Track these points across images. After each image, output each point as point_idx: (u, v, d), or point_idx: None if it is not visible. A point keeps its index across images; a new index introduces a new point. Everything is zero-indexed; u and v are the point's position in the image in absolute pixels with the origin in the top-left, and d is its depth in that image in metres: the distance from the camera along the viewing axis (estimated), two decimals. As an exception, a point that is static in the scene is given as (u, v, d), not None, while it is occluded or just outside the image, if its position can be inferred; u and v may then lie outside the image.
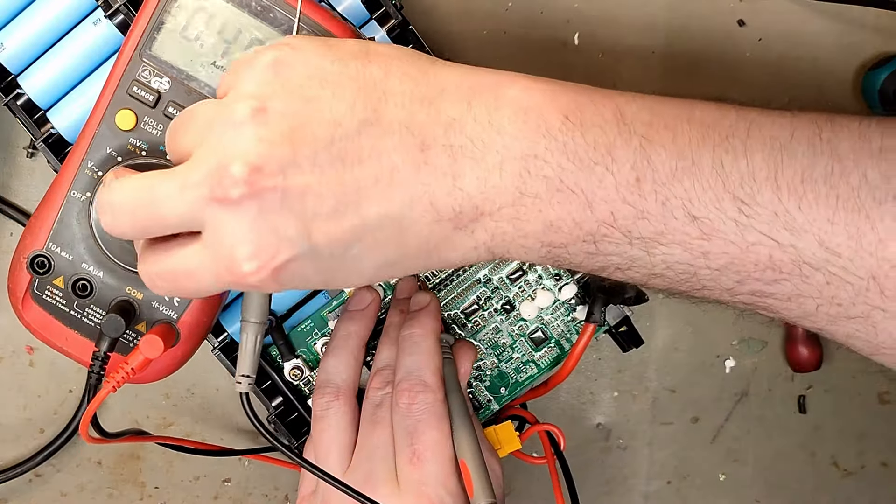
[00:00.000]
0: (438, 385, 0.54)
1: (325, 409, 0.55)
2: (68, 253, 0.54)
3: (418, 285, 0.60)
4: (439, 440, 0.53)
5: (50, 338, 0.56)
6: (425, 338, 0.55)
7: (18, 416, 0.68)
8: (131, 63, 0.52)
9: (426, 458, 0.52)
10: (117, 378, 0.53)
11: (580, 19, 0.67)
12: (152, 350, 0.53)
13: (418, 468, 0.52)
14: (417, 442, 0.52)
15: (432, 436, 0.53)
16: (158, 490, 0.70)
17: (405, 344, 0.55)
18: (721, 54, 0.68)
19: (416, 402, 0.53)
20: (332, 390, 0.56)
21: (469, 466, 0.52)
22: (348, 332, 0.57)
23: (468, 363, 0.57)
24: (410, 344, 0.55)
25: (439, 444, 0.53)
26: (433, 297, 0.57)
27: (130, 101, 0.53)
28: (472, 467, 0.51)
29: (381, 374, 0.56)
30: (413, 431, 0.53)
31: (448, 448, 0.53)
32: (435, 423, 0.53)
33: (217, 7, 0.52)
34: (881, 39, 0.68)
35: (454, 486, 0.53)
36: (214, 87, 0.52)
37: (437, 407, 0.53)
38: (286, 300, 0.61)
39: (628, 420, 0.71)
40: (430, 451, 0.52)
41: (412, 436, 0.53)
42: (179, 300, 0.54)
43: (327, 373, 0.56)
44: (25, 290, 0.55)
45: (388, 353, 0.56)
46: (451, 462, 0.53)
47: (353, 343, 0.57)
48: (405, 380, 0.54)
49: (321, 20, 0.51)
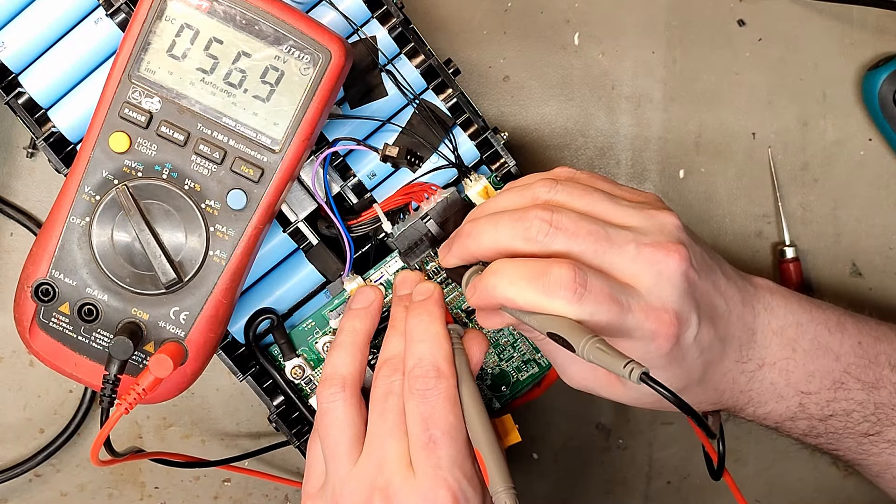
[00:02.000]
0: (451, 371, 0.54)
1: (330, 402, 0.55)
2: (72, 279, 0.54)
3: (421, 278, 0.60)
4: (455, 425, 0.53)
5: (59, 365, 0.56)
6: (433, 324, 0.55)
7: (18, 416, 0.68)
8: (121, 85, 0.53)
9: (442, 442, 0.52)
10: (129, 400, 0.53)
11: (580, 19, 0.67)
12: (162, 369, 0.53)
13: (434, 452, 0.52)
14: (433, 427, 0.52)
15: (448, 420, 0.52)
16: (158, 490, 0.70)
17: (414, 331, 0.55)
18: (721, 54, 0.68)
19: (431, 388, 0.53)
20: (339, 382, 0.55)
21: (484, 455, 0.51)
22: (353, 329, 0.57)
23: (480, 353, 0.57)
24: (420, 331, 0.55)
25: (455, 428, 0.53)
26: (436, 286, 0.57)
27: (123, 124, 0.53)
28: (487, 455, 0.51)
29: (389, 363, 0.56)
30: (428, 417, 0.53)
31: (463, 433, 0.53)
32: (450, 408, 0.53)
33: (202, 23, 0.52)
34: (881, 40, 0.68)
35: (470, 470, 0.53)
36: (205, 104, 0.53)
37: (450, 392, 0.53)
38: (287, 299, 0.61)
39: (628, 420, 0.71)
40: (446, 436, 0.52)
41: (427, 421, 0.53)
42: (186, 318, 0.55)
43: (333, 366, 0.56)
44: (32, 319, 0.55)
45: (397, 342, 0.56)
46: (467, 446, 0.53)
47: (359, 339, 0.57)
48: (418, 366, 0.54)
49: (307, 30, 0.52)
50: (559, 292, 0.48)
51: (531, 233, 0.50)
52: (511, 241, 0.51)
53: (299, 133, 0.53)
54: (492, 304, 0.51)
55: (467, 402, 0.53)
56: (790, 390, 0.57)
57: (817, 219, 0.69)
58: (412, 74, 0.59)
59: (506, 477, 0.50)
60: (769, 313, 0.57)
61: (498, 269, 0.51)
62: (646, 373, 0.45)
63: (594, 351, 0.46)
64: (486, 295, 0.51)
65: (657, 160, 0.69)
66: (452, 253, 0.54)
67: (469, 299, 0.53)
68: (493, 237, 0.52)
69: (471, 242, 0.53)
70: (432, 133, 0.59)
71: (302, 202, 0.59)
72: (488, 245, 0.52)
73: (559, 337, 0.48)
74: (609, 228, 0.51)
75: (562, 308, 0.48)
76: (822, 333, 0.58)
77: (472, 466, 0.53)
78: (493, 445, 0.52)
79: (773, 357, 0.57)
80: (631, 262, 0.50)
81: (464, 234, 0.53)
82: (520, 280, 0.49)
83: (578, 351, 0.47)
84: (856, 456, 0.60)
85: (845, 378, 0.58)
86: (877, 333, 0.60)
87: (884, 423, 0.59)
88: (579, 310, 0.48)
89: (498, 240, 0.52)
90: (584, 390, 0.55)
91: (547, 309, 0.49)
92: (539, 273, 0.49)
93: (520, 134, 0.68)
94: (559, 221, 0.50)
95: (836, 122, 0.69)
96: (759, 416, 0.58)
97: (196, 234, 0.54)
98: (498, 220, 0.52)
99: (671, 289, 0.51)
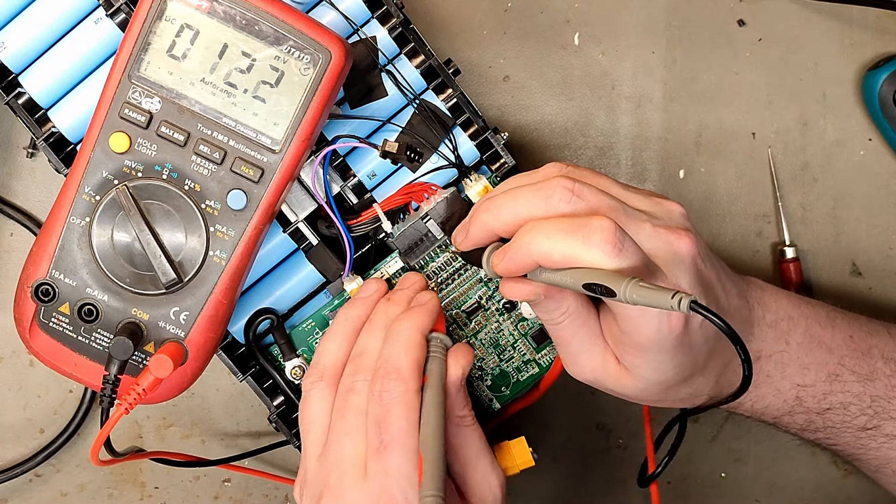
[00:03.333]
0: (413, 376, 0.53)
1: (308, 390, 0.55)
2: (72, 279, 0.54)
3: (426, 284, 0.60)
4: (406, 430, 0.52)
5: (59, 365, 0.56)
6: (410, 330, 0.55)
7: (18, 416, 0.68)
8: (121, 86, 0.53)
9: (392, 449, 0.51)
10: (129, 400, 0.53)
11: (580, 19, 0.67)
12: (162, 369, 0.53)
13: (384, 458, 0.51)
14: (385, 432, 0.52)
15: (400, 426, 0.52)
16: (158, 490, 0.70)
17: (391, 334, 0.55)
18: (721, 54, 0.68)
19: (388, 390, 0.52)
20: (319, 371, 0.55)
21: (424, 457, 0.50)
22: (347, 317, 0.57)
23: (460, 367, 0.55)
24: (395, 334, 0.55)
25: (406, 434, 0.52)
26: (434, 297, 0.57)
27: (123, 124, 0.53)
28: (426, 458, 0.50)
29: (355, 361, 0.55)
30: (382, 420, 0.52)
31: (414, 440, 0.52)
32: (403, 413, 0.52)
33: (202, 24, 0.52)
34: (881, 40, 0.68)
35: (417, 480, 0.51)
36: (205, 104, 0.53)
37: (407, 397, 0.52)
38: (287, 299, 0.61)
39: (628, 420, 0.71)
40: (396, 443, 0.51)
41: (380, 425, 0.52)
42: (186, 318, 0.55)
43: (318, 354, 0.56)
44: (32, 319, 0.55)
45: (367, 339, 0.56)
46: (417, 455, 0.51)
47: (349, 327, 0.57)
48: (382, 367, 0.53)
49: (307, 30, 0.52)
50: (600, 244, 0.47)
51: (553, 201, 0.49)
52: (532, 210, 0.50)
53: (299, 133, 0.53)
54: (525, 263, 0.49)
55: (426, 409, 0.52)
56: (787, 383, 0.58)
57: (817, 219, 0.69)
58: (412, 74, 0.59)
59: (436, 485, 0.48)
60: (762, 308, 0.57)
61: (533, 226, 0.49)
62: (695, 301, 0.43)
63: (638, 289, 0.44)
64: (519, 255, 0.49)
65: (657, 160, 0.69)
66: (470, 235, 0.53)
67: (496, 266, 0.51)
68: (513, 209, 0.50)
69: (489, 217, 0.52)
70: (432, 133, 0.59)
71: (302, 202, 0.59)
72: (508, 218, 0.51)
73: (597, 286, 0.46)
74: (625, 206, 0.51)
75: (600, 260, 0.47)
76: (813, 327, 0.58)
77: None
78: (436, 451, 0.50)
79: (769, 350, 0.57)
80: (648, 239, 0.50)
81: (482, 210, 0.52)
82: (557, 233, 0.48)
83: (620, 294, 0.45)
84: (854, 451, 0.61)
85: (840, 370, 0.58)
86: (868, 328, 0.60)
87: (881, 416, 0.59)
88: (619, 262, 0.47)
89: (518, 211, 0.50)
90: (590, 384, 0.55)
91: (585, 261, 0.47)
92: (579, 225, 0.48)
93: (520, 134, 0.68)
94: (581, 190, 0.49)
95: (836, 122, 0.69)
96: (758, 411, 0.59)
97: (196, 234, 0.54)
98: (517, 193, 0.51)
99: (684, 271, 0.51)
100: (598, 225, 0.47)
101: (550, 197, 0.49)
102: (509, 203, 0.51)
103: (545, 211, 0.49)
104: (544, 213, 0.49)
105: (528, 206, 0.50)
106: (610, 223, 0.47)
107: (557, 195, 0.49)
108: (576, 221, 0.48)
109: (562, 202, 0.49)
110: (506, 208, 0.51)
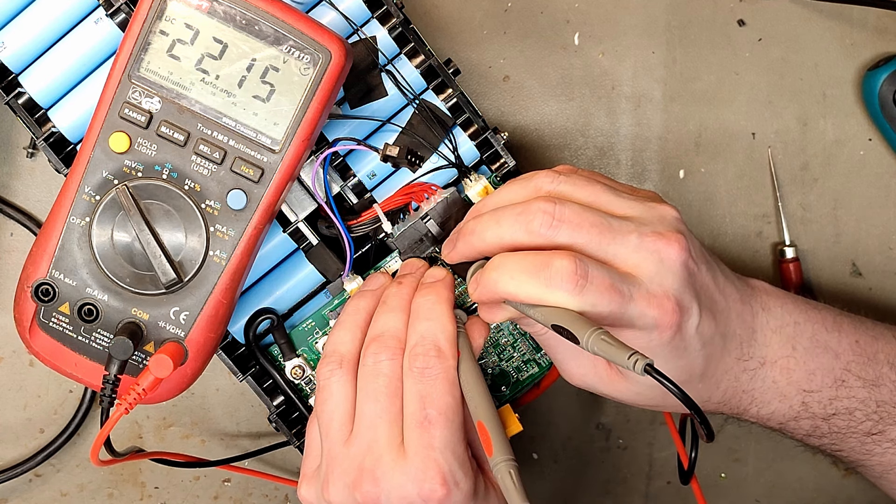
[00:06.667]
0: (452, 352, 0.53)
1: (327, 378, 0.55)
2: (72, 279, 0.54)
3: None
4: (452, 406, 0.52)
5: (59, 364, 0.56)
6: (440, 303, 0.55)
7: (18, 416, 0.68)
8: (121, 86, 0.53)
9: (438, 422, 0.52)
10: (129, 400, 0.53)
11: (580, 19, 0.67)
12: (162, 369, 0.53)
13: (428, 431, 0.52)
14: (430, 406, 0.52)
15: (445, 401, 0.52)
16: (158, 490, 0.70)
17: (420, 309, 0.55)
18: (721, 54, 0.68)
19: (431, 367, 0.53)
20: (336, 359, 0.55)
21: (487, 427, 0.51)
22: (357, 307, 0.57)
23: (480, 339, 0.57)
24: (425, 310, 0.55)
25: (452, 409, 0.52)
26: (447, 272, 0.57)
27: (123, 124, 0.53)
28: (490, 427, 0.51)
29: (378, 340, 0.55)
30: (426, 396, 0.52)
31: (459, 415, 0.53)
32: (448, 389, 0.52)
33: (202, 23, 0.52)
34: (881, 40, 0.68)
35: (463, 454, 0.52)
36: (205, 104, 0.53)
37: (450, 373, 0.53)
38: (287, 299, 0.61)
39: (628, 420, 0.71)
40: (441, 416, 0.52)
41: (424, 400, 0.52)
42: (186, 318, 0.55)
43: (333, 343, 0.56)
44: (32, 319, 0.55)
45: (385, 319, 0.56)
46: (462, 430, 0.52)
47: (361, 317, 0.57)
48: (419, 344, 0.53)
49: (307, 30, 0.52)
50: (560, 284, 0.48)
51: (534, 226, 0.51)
52: (514, 235, 0.51)
53: (299, 133, 0.53)
54: (494, 298, 0.51)
55: (470, 380, 0.53)
56: (792, 389, 0.57)
57: (817, 219, 0.69)
58: (412, 74, 0.59)
59: (507, 449, 0.50)
60: (767, 313, 0.57)
61: (499, 263, 0.51)
62: (650, 364, 0.45)
63: (598, 343, 0.46)
64: (488, 290, 0.51)
65: (657, 160, 0.69)
66: (457, 250, 0.55)
67: (472, 294, 0.53)
68: (496, 232, 0.52)
69: (474, 239, 0.53)
70: (432, 133, 0.59)
71: (302, 202, 0.59)
72: (492, 240, 0.52)
73: (563, 329, 0.48)
74: (611, 219, 0.51)
75: (563, 300, 0.49)
76: (819, 332, 0.58)
77: (464, 452, 0.53)
78: (496, 420, 0.51)
79: (774, 355, 0.57)
80: (633, 251, 0.51)
81: (467, 231, 0.53)
82: (521, 274, 0.50)
83: (583, 343, 0.46)
84: (859, 456, 0.60)
85: (846, 376, 0.58)
86: (874, 332, 0.60)
87: (886, 421, 0.59)
88: (581, 301, 0.48)
89: (501, 235, 0.52)
90: (584, 388, 0.55)
91: (549, 301, 0.49)
92: (540, 266, 0.49)
93: (520, 134, 0.68)
94: (562, 213, 0.50)
95: (836, 122, 0.69)
96: (763, 417, 0.58)
97: (196, 234, 0.54)
98: (501, 215, 0.52)
99: (672, 277, 0.51)
100: (557, 267, 0.49)
101: (531, 222, 0.51)
102: (493, 227, 0.52)
103: (526, 237, 0.51)
104: (525, 239, 0.51)
105: (510, 231, 0.52)
106: (570, 263, 0.49)
107: (538, 221, 0.51)
108: (538, 261, 0.49)
109: (542, 227, 0.51)
110: (489, 231, 0.52)
